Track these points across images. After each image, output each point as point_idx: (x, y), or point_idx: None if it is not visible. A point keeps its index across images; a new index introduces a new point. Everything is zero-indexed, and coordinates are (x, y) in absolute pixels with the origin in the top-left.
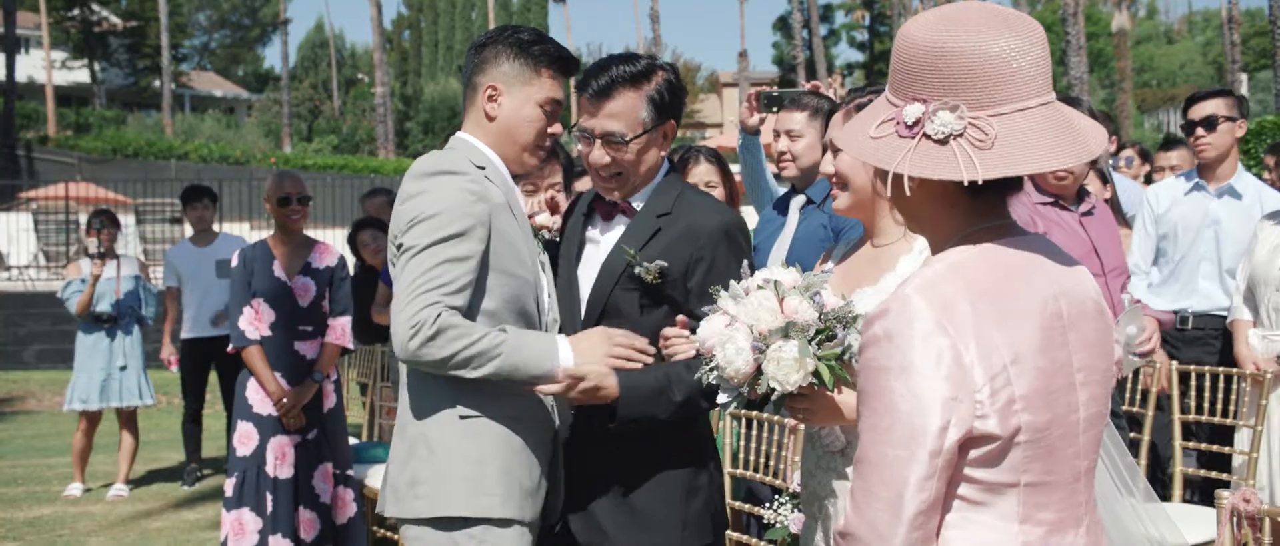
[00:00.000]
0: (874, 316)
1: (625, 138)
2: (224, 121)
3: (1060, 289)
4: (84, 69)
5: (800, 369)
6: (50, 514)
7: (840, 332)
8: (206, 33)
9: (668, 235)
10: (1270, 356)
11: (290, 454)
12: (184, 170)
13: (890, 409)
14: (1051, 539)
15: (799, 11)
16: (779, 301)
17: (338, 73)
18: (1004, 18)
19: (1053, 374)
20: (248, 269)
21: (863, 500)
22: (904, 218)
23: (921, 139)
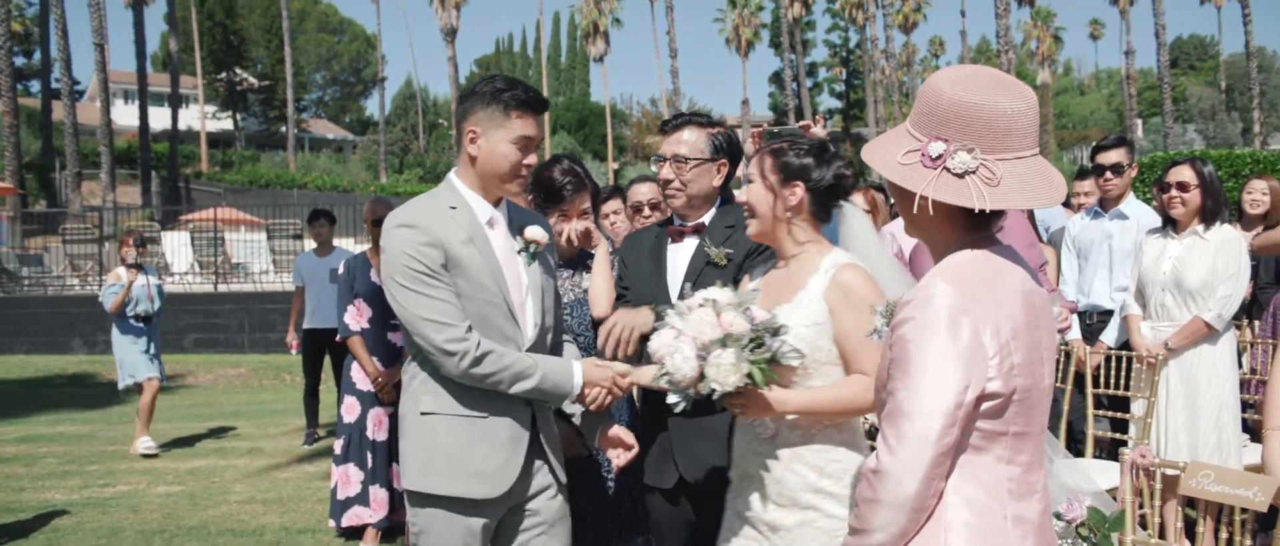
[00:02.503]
0: (908, 299)
1: (687, 158)
2: (335, 158)
3: (1030, 286)
4: (229, 119)
5: (737, 372)
6: (205, 465)
7: (768, 340)
8: (321, 88)
9: (736, 237)
10: (1158, 343)
11: (385, 421)
12: (304, 197)
13: (922, 371)
14: (1027, 475)
15: (789, 68)
16: (717, 316)
17: (423, 119)
18: (1010, 83)
19: (1033, 348)
20: (351, 275)
21: (896, 443)
22: (911, 226)
23: (942, 171)
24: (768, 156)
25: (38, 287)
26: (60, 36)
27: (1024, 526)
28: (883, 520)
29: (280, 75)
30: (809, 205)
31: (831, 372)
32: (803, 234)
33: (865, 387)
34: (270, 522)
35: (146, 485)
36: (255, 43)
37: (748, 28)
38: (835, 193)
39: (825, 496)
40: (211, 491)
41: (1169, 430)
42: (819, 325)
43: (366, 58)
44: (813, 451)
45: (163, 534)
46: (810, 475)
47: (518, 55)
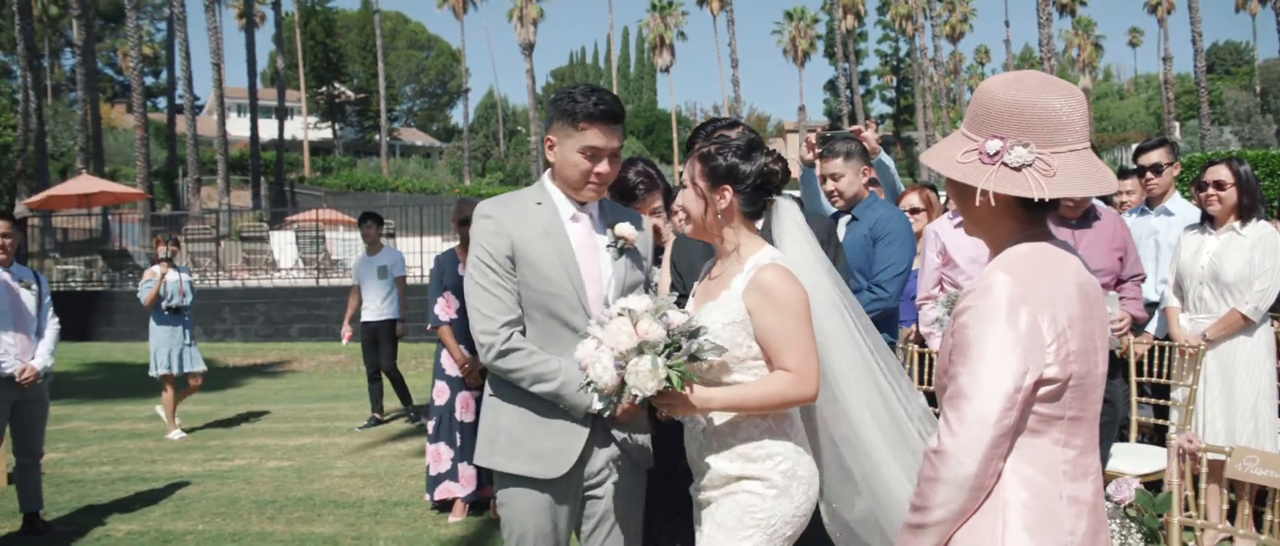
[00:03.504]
0: (969, 289)
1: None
2: (423, 163)
3: (1085, 277)
4: (329, 129)
5: (654, 378)
6: (309, 443)
7: (685, 343)
8: (411, 100)
9: None
10: (1196, 334)
11: (472, 404)
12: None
13: (982, 357)
14: (1082, 458)
15: (843, 76)
16: (634, 325)
17: (503, 126)
18: (1058, 83)
19: (1088, 336)
20: (441, 269)
21: (957, 425)
22: (970, 223)
23: (1000, 166)
24: (696, 161)
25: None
26: (183, 58)
27: (1079, 506)
28: (943, 498)
29: (374, 88)
30: (739, 206)
31: (754, 369)
32: (734, 235)
33: (786, 384)
34: (369, 496)
35: (259, 460)
36: (352, 59)
37: (804, 39)
38: (764, 189)
39: (749, 479)
40: (316, 466)
41: (1207, 417)
42: (737, 323)
43: (452, 71)
44: (739, 439)
45: (274, 503)
46: (737, 461)
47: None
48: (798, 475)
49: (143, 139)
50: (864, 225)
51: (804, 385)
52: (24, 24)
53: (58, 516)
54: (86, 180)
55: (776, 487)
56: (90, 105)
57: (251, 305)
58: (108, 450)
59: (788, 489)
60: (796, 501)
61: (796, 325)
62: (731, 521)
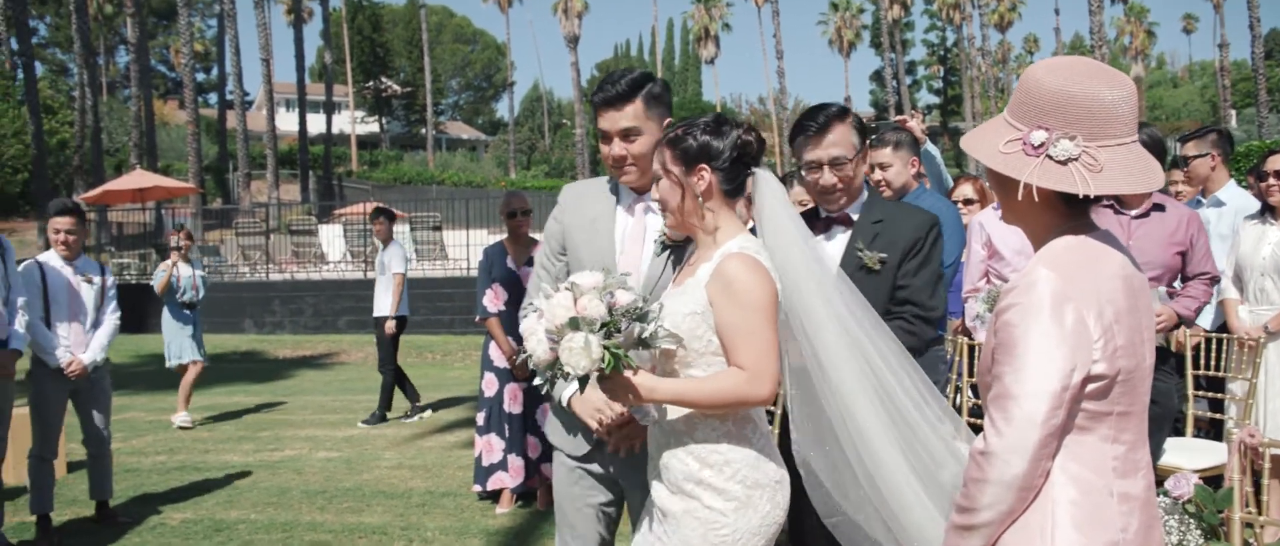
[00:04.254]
0: (1011, 285)
1: (848, 158)
2: (469, 156)
3: (1130, 269)
4: (376, 123)
5: (587, 356)
6: (358, 434)
7: (625, 325)
8: (457, 93)
9: (885, 237)
10: (1257, 326)
11: (520, 395)
12: (442, 192)
13: (1027, 355)
14: (1132, 453)
15: (889, 66)
16: (574, 301)
17: (548, 119)
18: (1108, 73)
19: (1135, 330)
20: (490, 262)
21: (1003, 425)
22: (1011, 214)
23: (1044, 158)
24: (665, 148)
25: (215, 275)
26: (233, 54)
27: (1130, 503)
28: (990, 499)
29: (420, 82)
30: (719, 185)
31: (714, 363)
32: (715, 218)
33: (738, 382)
34: (416, 486)
35: (309, 451)
36: (398, 54)
37: (849, 29)
38: (742, 163)
39: (705, 487)
40: (365, 457)
41: (1269, 410)
42: (698, 314)
43: (497, 65)
44: (696, 439)
45: (324, 493)
46: (692, 463)
47: (634, 59)
48: (760, 483)
49: (194, 134)
50: None
51: (757, 386)
52: (80, 23)
53: (115, 504)
54: (140, 175)
55: (737, 499)
56: (144, 101)
57: (300, 298)
58: (162, 440)
59: (749, 499)
60: (762, 510)
61: (756, 320)
62: (696, 541)
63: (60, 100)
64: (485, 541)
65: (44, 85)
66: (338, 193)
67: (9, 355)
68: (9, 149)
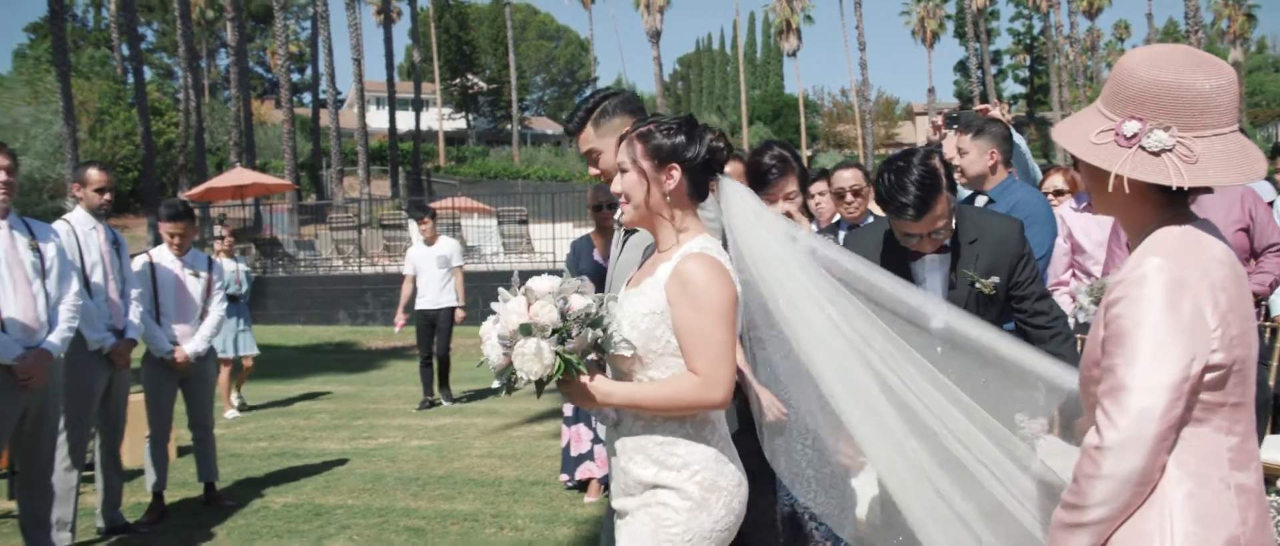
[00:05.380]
0: (1121, 277)
1: (946, 221)
2: (554, 151)
3: (1233, 257)
4: (462, 119)
5: (539, 362)
6: (449, 423)
7: (577, 330)
8: (541, 89)
9: (986, 255)
10: None
11: None
12: (527, 186)
13: (1142, 347)
14: (1245, 444)
15: (974, 56)
16: (528, 306)
17: None
18: (1207, 61)
19: (1245, 318)
20: (577, 255)
21: (1120, 420)
22: (1104, 204)
23: (1137, 149)
24: (636, 141)
25: (311, 268)
26: (326, 55)
27: (1246, 495)
28: (1104, 495)
29: (506, 79)
30: (687, 186)
31: (673, 364)
32: (680, 220)
33: (691, 387)
34: (506, 475)
35: (402, 439)
36: (484, 51)
37: (933, 20)
38: (710, 167)
39: (662, 488)
40: (456, 446)
41: None
42: (656, 314)
43: (580, 60)
44: (654, 443)
45: (417, 481)
46: (650, 467)
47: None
48: (718, 485)
49: (290, 133)
50: (1002, 207)
51: (709, 391)
52: (185, 28)
53: (221, 487)
54: (240, 173)
55: (692, 499)
56: (242, 102)
57: (391, 290)
58: (263, 427)
59: (705, 501)
60: (716, 514)
61: (713, 324)
62: (645, 536)
63: (166, 102)
64: (574, 530)
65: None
66: (426, 188)
67: (125, 345)
68: (121, 149)
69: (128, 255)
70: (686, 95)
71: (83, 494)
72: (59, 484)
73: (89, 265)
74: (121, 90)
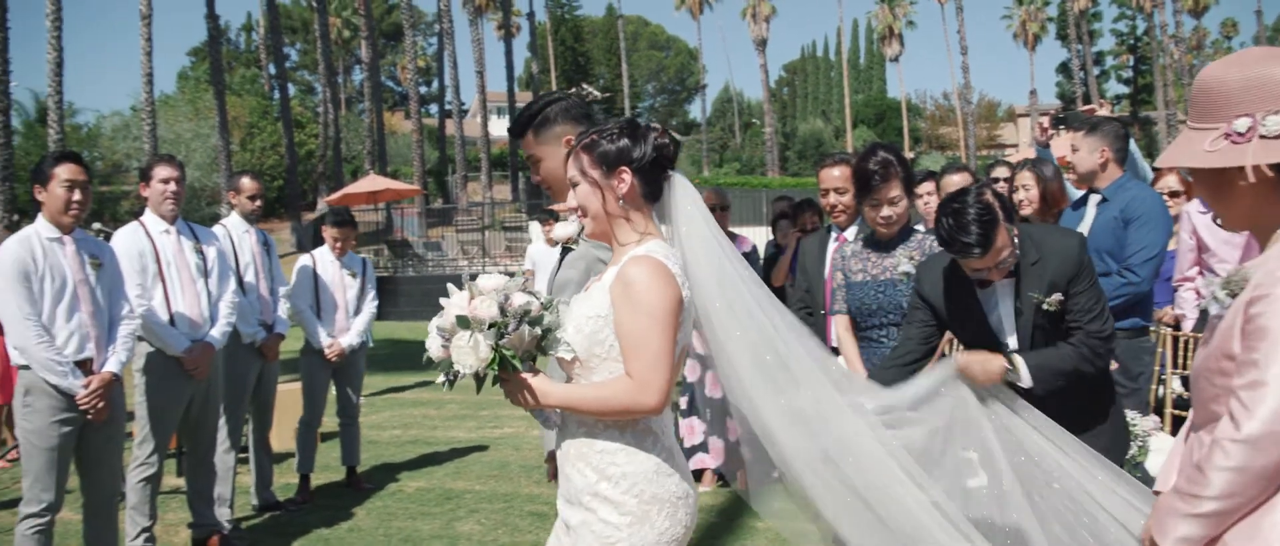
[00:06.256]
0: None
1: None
2: None
3: None
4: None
5: (474, 355)
6: None
7: (515, 327)
8: (652, 97)
9: (1049, 272)
10: None
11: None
12: None
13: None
14: None
15: (1076, 58)
16: (469, 300)
17: (738, 119)
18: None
19: None
20: None
21: (1258, 411)
22: (1232, 215)
23: (1258, 139)
24: (582, 153)
25: (438, 267)
26: (452, 68)
27: None
28: (1229, 487)
29: (618, 88)
30: (640, 188)
31: (616, 369)
32: (636, 224)
33: (625, 391)
34: None
35: (525, 429)
36: (598, 62)
37: (1034, 22)
38: (660, 165)
39: (601, 499)
40: None
41: None
42: (601, 317)
43: (690, 69)
44: (595, 450)
45: (539, 469)
46: (591, 475)
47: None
48: (658, 497)
49: (418, 141)
50: (1115, 206)
51: (643, 396)
52: (324, 47)
53: (360, 472)
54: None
55: (632, 514)
56: (375, 114)
57: None
58: (397, 416)
59: (646, 514)
60: (659, 526)
61: (649, 327)
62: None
63: (307, 116)
64: None
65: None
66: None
67: (275, 339)
68: (268, 159)
69: (277, 256)
70: (792, 101)
71: (238, 474)
72: (220, 463)
73: (243, 265)
74: (268, 106)
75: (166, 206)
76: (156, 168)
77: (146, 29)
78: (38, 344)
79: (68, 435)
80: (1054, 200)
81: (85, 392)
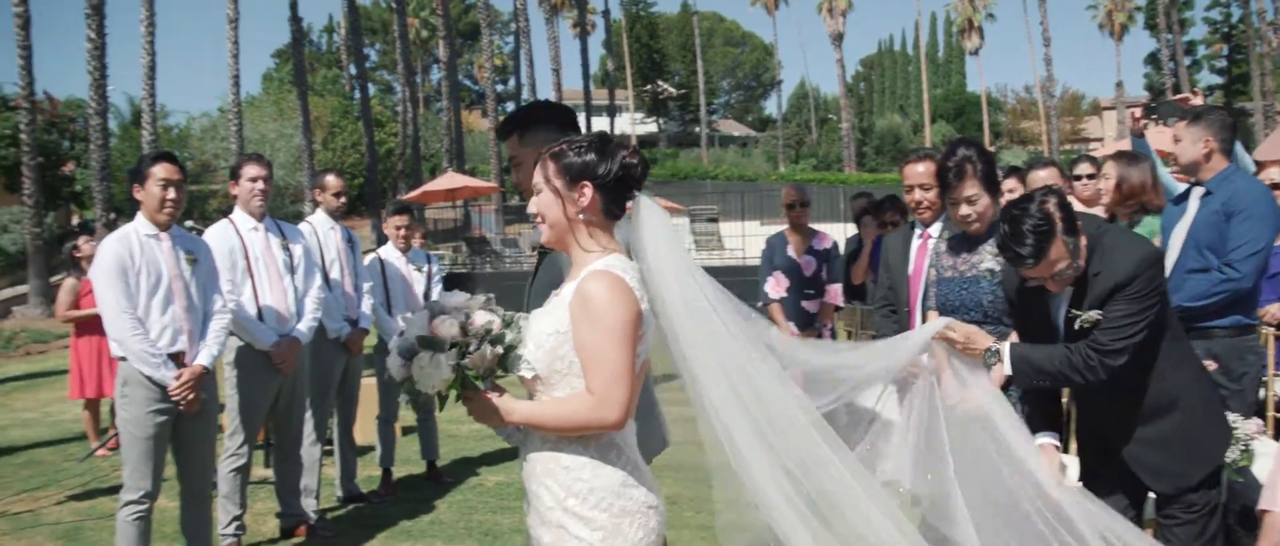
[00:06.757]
0: None
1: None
2: (740, 152)
3: None
4: (653, 123)
5: (436, 374)
6: None
7: (476, 347)
8: (728, 93)
9: (1104, 286)
10: None
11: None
12: (716, 186)
13: None
14: None
15: (1166, 47)
16: (431, 320)
17: (815, 115)
18: None
19: None
20: (772, 250)
21: None
22: None
23: None
24: (549, 160)
25: (515, 263)
26: (528, 66)
27: None
28: None
29: (694, 84)
30: (600, 204)
31: (577, 384)
32: (596, 238)
33: (585, 407)
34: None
35: None
36: (673, 58)
37: (1121, 12)
38: (625, 184)
39: (571, 515)
40: None
41: None
42: (561, 333)
43: (765, 64)
44: (561, 466)
45: None
46: (558, 491)
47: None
48: (627, 509)
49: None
50: (1218, 199)
51: (604, 411)
52: (403, 48)
53: (440, 466)
54: (451, 177)
55: (603, 529)
56: (453, 112)
57: None
58: None
59: (618, 527)
60: (632, 538)
61: (608, 343)
62: None
63: (387, 115)
64: None
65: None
66: None
67: (359, 333)
68: (348, 158)
69: (361, 252)
70: (868, 96)
71: (323, 466)
72: (306, 456)
73: (328, 262)
74: (349, 105)
75: (255, 203)
76: (246, 166)
77: (233, 32)
78: (133, 336)
79: (163, 425)
80: (1135, 194)
81: (176, 384)
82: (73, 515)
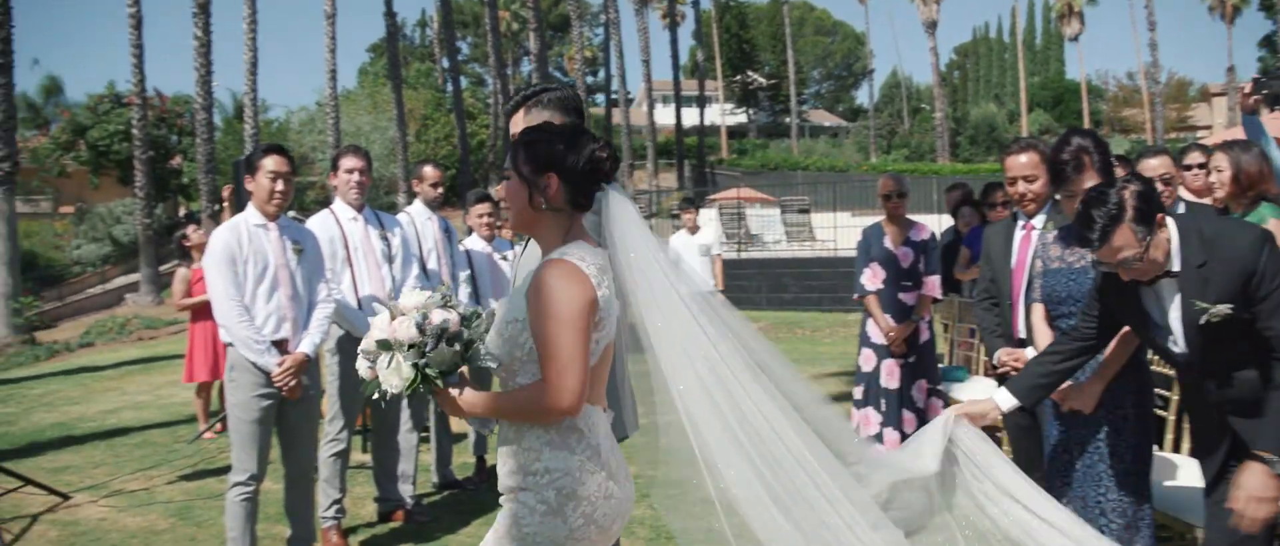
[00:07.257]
0: None
1: (1138, 254)
2: (831, 142)
3: None
4: (743, 114)
5: (397, 375)
6: None
7: (434, 346)
8: (818, 83)
9: (1217, 278)
10: None
11: (897, 372)
12: (806, 177)
13: None
14: None
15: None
16: (390, 322)
17: (907, 104)
18: None
19: None
20: (868, 242)
21: None
22: None
23: None
24: (518, 147)
25: None
26: (617, 57)
27: None
28: None
29: (784, 74)
30: (565, 195)
31: (536, 371)
32: (558, 229)
33: (538, 394)
34: None
35: None
36: (763, 48)
37: None
38: (593, 177)
39: (525, 491)
40: None
41: None
42: (519, 321)
43: (856, 53)
44: (523, 450)
45: None
46: (518, 473)
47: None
48: (577, 494)
49: None
50: None
51: (556, 397)
52: (494, 40)
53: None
54: None
55: (547, 504)
56: None
57: None
58: None
59: (561, 508)
60: (573, 523)
61: (559, 330)
62: (502, 530)
63: (478, 107)
64: None
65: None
66: (710, 179)
67: None
68: (441, 150)
69: (457, 242)
70: (963, 84)
71: (420, 452)
72: (403, 442)
73: (426, 251)
74: (442, 98)
75: (353, 194)
76: (344, 158)
77: (331, 28)
78: (239, 323)
79: (268, 409)
80: (1252, 182)
81: (279, 370)
82: (183, 494)
